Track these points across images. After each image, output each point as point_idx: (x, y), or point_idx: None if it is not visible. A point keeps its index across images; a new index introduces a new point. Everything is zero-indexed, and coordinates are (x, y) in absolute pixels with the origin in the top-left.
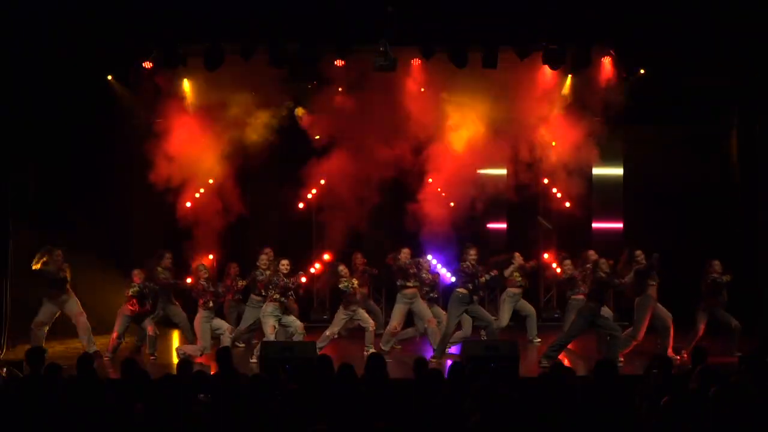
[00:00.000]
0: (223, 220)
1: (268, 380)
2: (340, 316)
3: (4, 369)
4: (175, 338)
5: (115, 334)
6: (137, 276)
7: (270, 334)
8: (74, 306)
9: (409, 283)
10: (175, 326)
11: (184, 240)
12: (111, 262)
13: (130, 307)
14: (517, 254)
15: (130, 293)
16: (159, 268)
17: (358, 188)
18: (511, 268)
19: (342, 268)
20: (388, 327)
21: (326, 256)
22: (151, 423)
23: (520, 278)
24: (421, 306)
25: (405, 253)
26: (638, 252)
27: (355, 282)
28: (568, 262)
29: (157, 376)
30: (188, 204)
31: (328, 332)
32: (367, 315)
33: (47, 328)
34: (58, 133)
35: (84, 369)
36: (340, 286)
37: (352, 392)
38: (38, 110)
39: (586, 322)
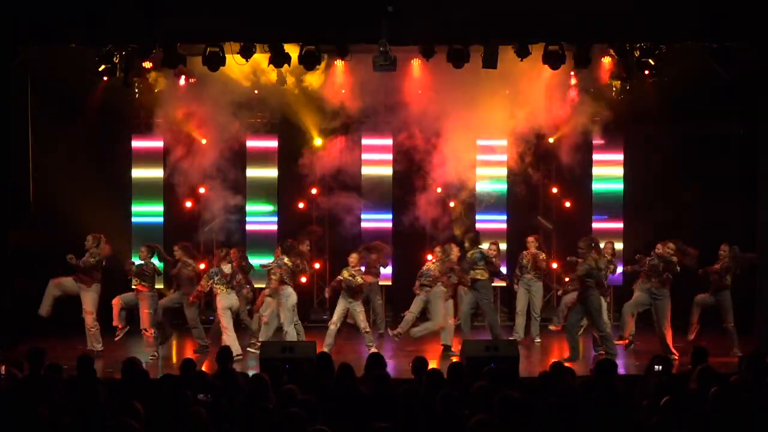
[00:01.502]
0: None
1: (268, 380)
2: (340, 308)
3: (3, 368)
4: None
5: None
6: (143, 253)
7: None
8: (89, 297)
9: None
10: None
11: (183, 241)
12: (110, 261)
13: (140, 288)
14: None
15: (134, 270)
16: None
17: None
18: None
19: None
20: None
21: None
22: (151, 423)
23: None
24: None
25: (455, 252)
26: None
27: (359, 279)
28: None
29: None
30: (188, 204)
31: (331, 326)
32: (362, 316)
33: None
34: (58, 132)
35: (84, 369)
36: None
37: (351, 392)
38: (37, 109)
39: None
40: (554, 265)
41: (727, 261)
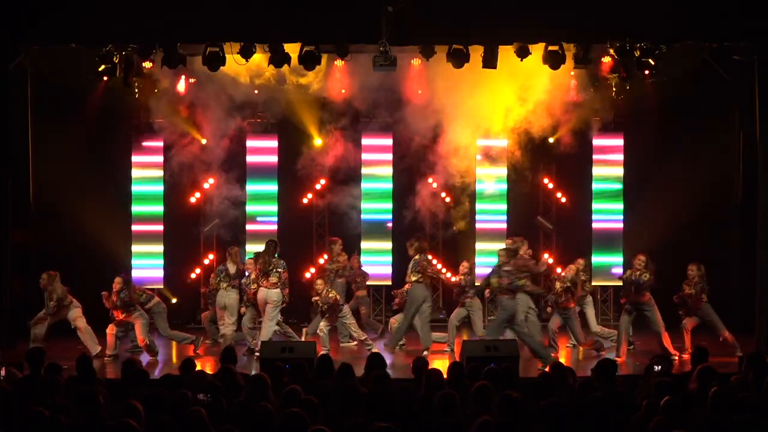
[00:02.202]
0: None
1: (268, 380)
2: (324, 322)
3: (3, 369)
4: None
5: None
6: (119, 284)
7: None
8: (74, 311)
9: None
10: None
11: (184, 240)
12: (110, 261)
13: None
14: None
15: (119, 304)
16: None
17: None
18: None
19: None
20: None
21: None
22: (151, 423)
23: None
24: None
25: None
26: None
27: (332, 294)
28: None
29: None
30: (194, 198)
31: (320, 333)
32: (354, 326)
33: (46, 325)
34: (58, 132)
35: (84, 369)
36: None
37: (351, 392)
38: (37, 109)
39: None
40: (550, 260)
41: (698, 281)
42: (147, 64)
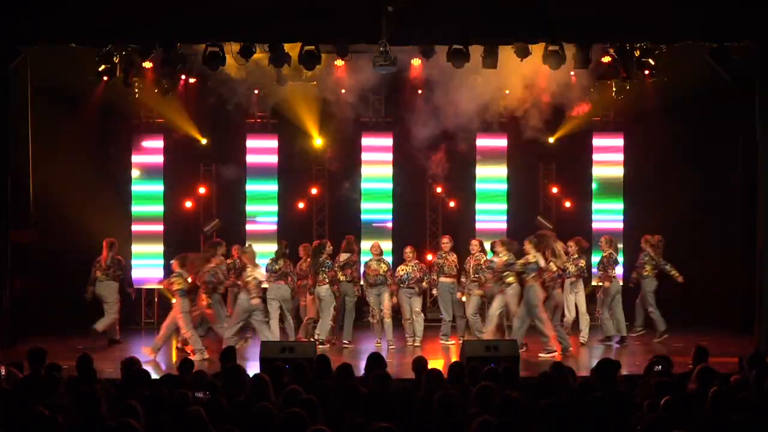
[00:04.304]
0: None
1: (268, 380)
2: None
3: (3, 368)
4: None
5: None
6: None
7: None
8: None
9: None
10: None
11: (184, 240)
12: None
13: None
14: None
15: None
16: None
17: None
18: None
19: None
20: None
21: None
22: (151, 423)
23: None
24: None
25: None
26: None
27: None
28: None
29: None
30: (188, 204)
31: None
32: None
33: None
34: (58, 132)
35: (84, 369)
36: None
37: (351, 392)
38: (37, 109)
39: None
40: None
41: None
42: (147, 64)
